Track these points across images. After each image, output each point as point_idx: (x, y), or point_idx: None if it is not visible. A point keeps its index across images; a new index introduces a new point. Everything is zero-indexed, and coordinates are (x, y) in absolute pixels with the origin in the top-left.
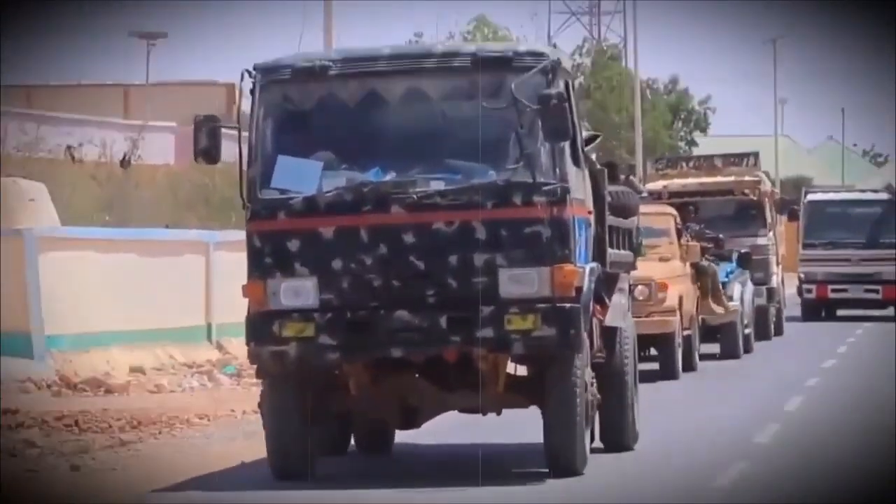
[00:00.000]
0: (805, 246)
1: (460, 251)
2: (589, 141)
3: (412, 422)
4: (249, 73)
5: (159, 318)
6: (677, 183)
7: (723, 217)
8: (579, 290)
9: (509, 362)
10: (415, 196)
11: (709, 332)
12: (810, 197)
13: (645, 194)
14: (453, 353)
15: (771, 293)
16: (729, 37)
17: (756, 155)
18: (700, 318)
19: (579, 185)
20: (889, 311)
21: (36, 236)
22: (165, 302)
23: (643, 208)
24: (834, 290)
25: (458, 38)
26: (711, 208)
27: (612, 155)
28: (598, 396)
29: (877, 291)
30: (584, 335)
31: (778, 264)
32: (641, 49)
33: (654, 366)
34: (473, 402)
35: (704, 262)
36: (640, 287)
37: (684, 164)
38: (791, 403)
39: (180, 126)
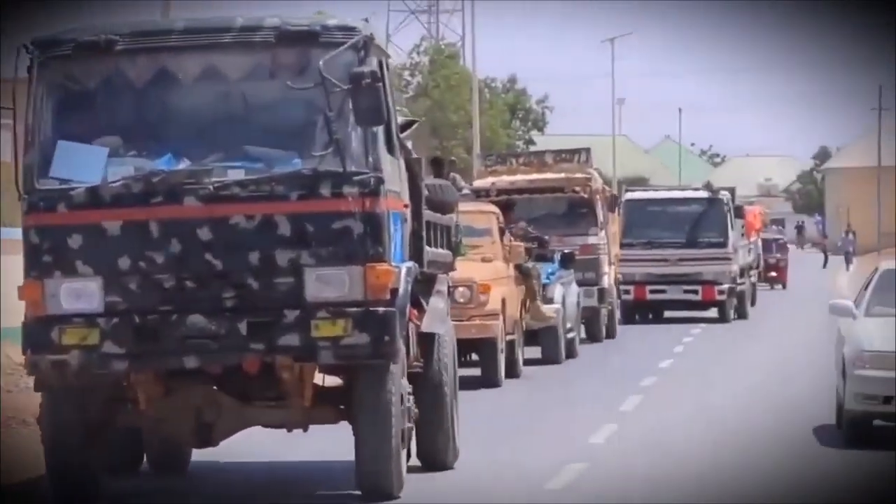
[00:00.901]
0: (623, 245)
1: (262, 248)
2: (405, 127)
3: (208, 439)
4: (27, 47)
5: None
6: (506, 180)
7: (553, 215)
8: (394, 292)
9: (317, 373)
10: (211, 187)
11: (530, 336)
12: (628, 195)
13: (466, 191)
14: (254, 363)
15: (602, 294)
16: (568, 36)
17: (587, 151)
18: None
19: (394, 176)
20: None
21: None
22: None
23: (464, 206)
24: (652, 291)
25: None
26: (541, 206)
27: (450, 154)
28: (416, 410)
29: (696, 292)
30: (400, 342)
31: (611, 264)
32: (480, 48)
33: (475, 372)
34: (277, 417)
35: (529, 264)
36: (460, 289)
37: (514, 161)
38: (628, 403)
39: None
